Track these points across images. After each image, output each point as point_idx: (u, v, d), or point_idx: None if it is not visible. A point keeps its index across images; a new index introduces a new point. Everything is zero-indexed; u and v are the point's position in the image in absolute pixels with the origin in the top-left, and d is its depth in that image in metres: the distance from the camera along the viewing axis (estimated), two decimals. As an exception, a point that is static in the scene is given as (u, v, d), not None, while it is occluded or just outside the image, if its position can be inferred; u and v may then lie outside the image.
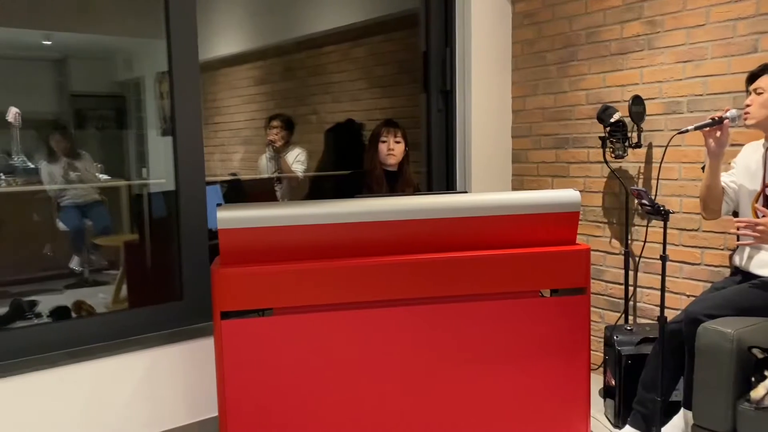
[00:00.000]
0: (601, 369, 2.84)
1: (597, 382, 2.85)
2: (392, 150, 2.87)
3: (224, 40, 5.48)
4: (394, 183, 2.90)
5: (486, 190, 3.28)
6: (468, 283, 2.06)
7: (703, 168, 2.46)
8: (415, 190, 3.01)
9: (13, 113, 5.32)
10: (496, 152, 3.39)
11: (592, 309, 2.84)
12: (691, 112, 2.78)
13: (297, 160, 4.16)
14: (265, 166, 4.48)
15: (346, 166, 4.04)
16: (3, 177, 5.34)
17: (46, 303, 4.06)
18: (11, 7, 4.62)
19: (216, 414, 2.05)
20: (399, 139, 2.90)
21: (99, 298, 4.47)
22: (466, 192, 3.13)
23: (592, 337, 2.64)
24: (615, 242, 3.13)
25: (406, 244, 2.04)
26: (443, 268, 2.04)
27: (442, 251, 2.05)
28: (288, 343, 1.99)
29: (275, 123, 4.35)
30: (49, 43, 5.91)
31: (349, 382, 2.03)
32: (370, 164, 2.92)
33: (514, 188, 3.49)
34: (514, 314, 2.10)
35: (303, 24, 4.85)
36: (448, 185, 3.31)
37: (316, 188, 4.26)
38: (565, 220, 2.14)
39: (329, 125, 4.68)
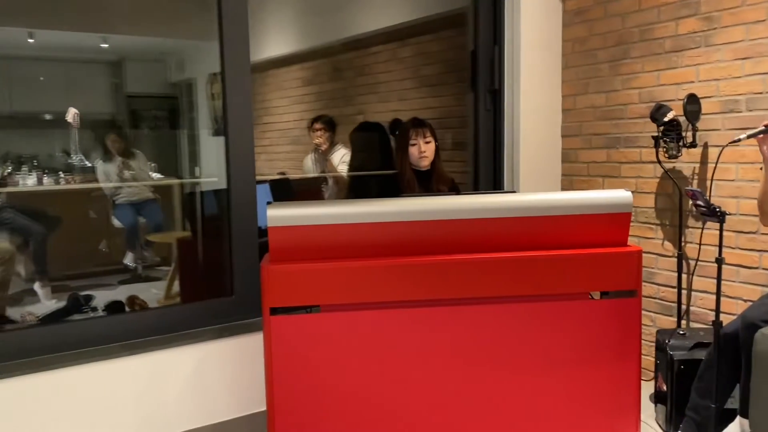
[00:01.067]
0: (653, 374, 2.78)
1: (648, 387, 2.79)
2: (424, 152, 2.81)
3: (274, 41, 5.57)
4: (428, 182, 2.85)
5: (534, 190, 3.24)
6: (516, 284, 2.04)
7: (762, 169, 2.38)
8: (452, 186, 2.97)
9: (72, 114, 5.52)
10: (545, 152, 3.34)
11: (643, 312, 2.77)
12: (750, 110, 2.68)
13: (342, 161, 4.20)
14: (310, 167, 4.53)
15: (383, 167, 4.06)
16: (62, 175, 5.55)
17: (101, 297, 4.20)
18: (72, 12, 4.81)
19: (264, 408, 2.09)
20: (429, 138, 2.83)
21: (151, 293, 4.60)
22: (514, 192, 3.10)
23: (643, 341, 2.58)
24: (668, 244, 3.05)
25: (454, 244, 2.04)
26: (491, 269, 2.03)
27: (490, 252, 2.04)
28: (334, 340, 2.01)
29: (318, 125, 4.40)
30: (107, 45, 6.11)
31: (394, 381, 2.04)
32: (400, 167, 2.86)
33: (564, 188, 3.44)
34: (563, 316, 2.07)
35: (351, 25, 4.88)
36: (495, 185, 3.28)
37: (361, 188, 4.28)
38: (617, 222, 2.10)
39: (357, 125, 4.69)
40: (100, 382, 2.20)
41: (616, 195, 2.09)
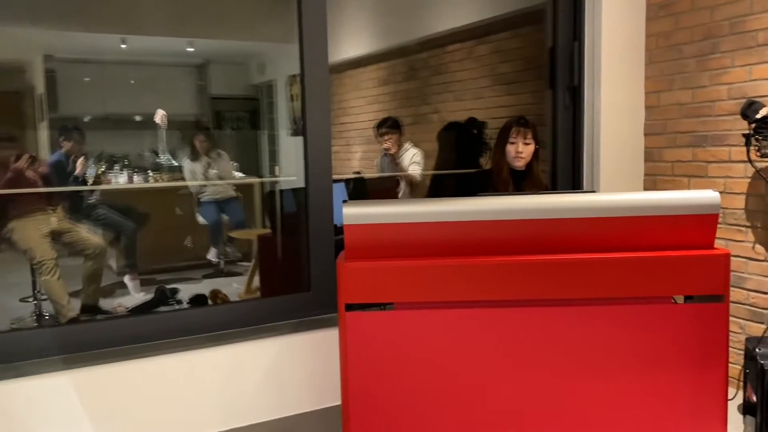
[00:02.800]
0: (741, 384, 2.64)
1: (736, 397, 2.66)
2: (521, 153, 2.76)
3: (351, 43, 5.65)
4: (521, 183, 2.81)
5: (615, 190, 3.14)
6: (595, 286, 1.99)
7: None
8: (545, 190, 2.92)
9: (160, 115, 5.81)
10: (626, 151, 3.24)
11: (731, 319, 2.64)
12: None
13: (413, 161, 4.21)
14: (381, 169, 4.57)
15: (465, 166, 4.04)
16: (151, 174, 5.84)
17: (186, 291, 4.40)
18: (160, 18, 5.05)
19: (339, 403, 2.13)
20: (529, 140, 2.78)
21: (233, 287, 4.77)
22: (594, 192, 3.02)
23: (731, 349, 2.45)
24: (759, 248, 2.89)
25: (531, 245, 2.01)
26: (570, 270, 1.99)
27: (568, 252, 2.00)
28: (408, 338, 2.03)
29: (383, 130, 4.41)
30: (192, 49, 6.38)
31: (467, 381, 2.03)
32: (496, 165, 2.82)
33: (647, 188, 3.32)
34: (644, 320, 2.01)
35: (427, 24, 4.89)
36: (574, 185, 3.21)
37: (438, 187, 4.28)
38: (703, 223, 2.01)
39: (445, 124, 4.68)
40: (185, 371, 2.31)
41: (703, 195, 2.01)
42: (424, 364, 2.03)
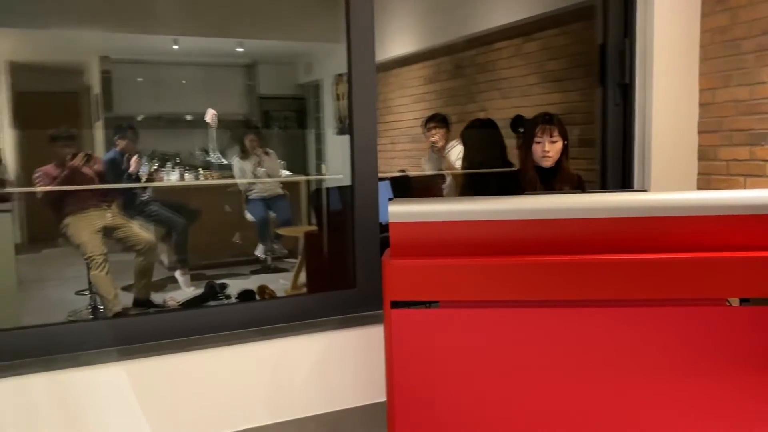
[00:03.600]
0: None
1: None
2: (548, 152, 2.68)
3: (398, 41, 5.66)
4: (551, 181, 2.74)
5: (667, 189, 3.06)
6: (646, 287, 1.95)
7: None
8: (579, 184, 2.85)
9: (210, 114, 5.95)
10: (679, 149, 3.15)
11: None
12: None
13: (459, 157, 4.20)
14: (429, 158, 4.57)
15: (496, 164, 3.99)
16: (201, 172, 5.98)
17: (234, 286, 4.49)
18: (211, 19, 5.17)
19: (384, 399, 2.14)
20: (555, 138, 2.69)
21: (279, 283, 4.85)
22: (645, 191, 2.96)
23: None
24: (821, 250, 2.77)
25: (578, 244, 1.98)
26: (620, 271, 1.95)
27: (618, 253, 1.96)
28: (453, 336, 2.03)
29: (432, 124, 4.42)
30: (242, 50, 6.51)
31: (512, 381, 2.02)
32: (523, 165, 2.75)
33: (700, 188, 3.22)
34: (697, 323, 1.96)
35: (474, 22, 4.87)
36: (624, 184, 3.14)
37: (479, 185, 4.26)
38: (760, 224, 1.94)
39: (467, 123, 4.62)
40: (234, 364, 2.36)
41: (761, 195, 1.94)
42: (468, 363, 2.02)
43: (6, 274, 2.83)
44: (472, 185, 3.96)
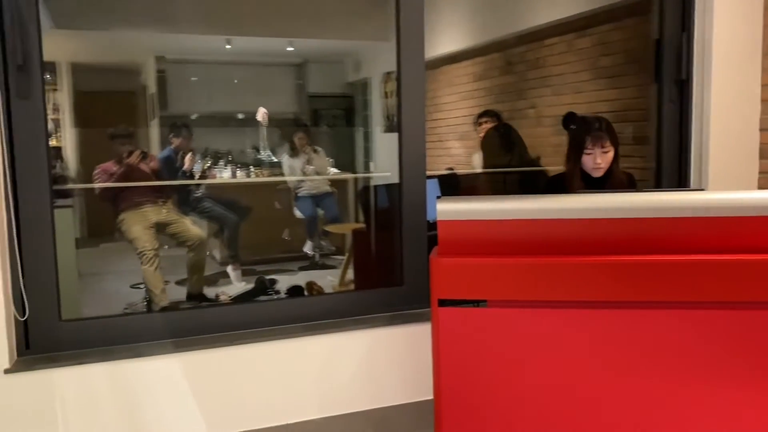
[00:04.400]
0: None
1: None
2: (599, 164, 2.54)
3: (447, 38, 5.64)
4: (600, 187, 2.61)
5: (726, 188, 2.96)
6: (701, 288, 1.89)
7: None
8: (630, 184, 2.75)
9: (261, 113, 6.05)
10: (739, 147, 3.04)
11: None
12: None
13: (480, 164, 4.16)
14: (478, 162, 4.54)
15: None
16: (252, 169, 6.09)
17: (283, 282, 4.56)
18: (263, 19, 5.25)
19: (431, 397, 2.14)
20: (607, 148, 2.54)
21: (327, 279, 4.90)
22: (702, 190, 2.87)
23: None
24: None
25: (631, 244, 1.94)
26: (673, 271, 1.90)
27: (672, 253, 1.91)
28: (501, 336, 2.01)
29: (485, 119, 4.38)
30: (292, 49, 6.59)
31: (560, 382, 1.99)
32: (570, 172, 2.61)
33: (761, 187, 3.10)
34: (753, 326, 1.89)
35: (526, 18, 4.80)
36: (680, 183, 3.05)
37: (528, 183, 4.22)
38: (827, 225, 1.86)
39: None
40: (283, 358, 2.40)
41: (827, 195, 1.86)
42: (516, 363, 2.01)
43: (68, 267, 2.94)
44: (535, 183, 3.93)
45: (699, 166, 3.00)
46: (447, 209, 2.02)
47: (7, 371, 2.08)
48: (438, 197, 2.07)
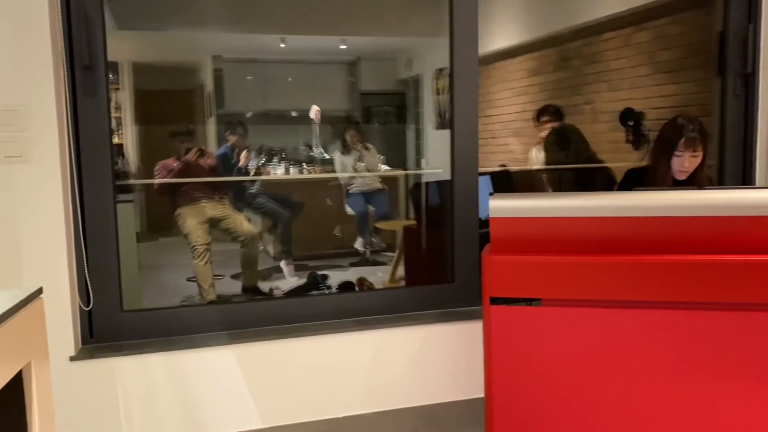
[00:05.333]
0: None
1: None
2: (686, 168, 2.48)
3: (500, 33, 5.57)
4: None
5: (794, 186, 2.83)
6: (763, 290, 1.82)
7: None
8: (710, 184, 2.66)
9: (314, 111, 6.12)
10: (809, 143, 2.91)
11: None
12: None
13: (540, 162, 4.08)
14: (535, 158, 4.46)
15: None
16: (305, 166, 6.18)
17: (334, 277, 4.61)
18: (317, 18, 5.31)
19: (482, 395, 2.13)
20: (698, 153, 2.47)
21: (377, 276, 4.92)
22: None
23: None
24: None
25: (690, 243, 1.88)
26: (734, 272, 1.83)
27: (733, 253, 1.84)
28: (555, 335, 1.98)
29: (546, 118, 4.29)
30: (345, 47, 6.64)
31: (613, 382, 1.95)
32: (661, 176, 2.53)
33: (833, 186, 2.95)
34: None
35: (582, 12, 4.70)
36: (745, 180, 2.94)
37: (588, 181, 4.12)
38: None
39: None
40: (335, 352, 2.43)
41: None
42: (569, 363, 1.97)
43: (129, 259, 3.05)
44: (594, 181, 3.84)
45: (765, 163, 2.88)
46: (500, 206, 2.01)
47: (72, 359, 2.18)
48: (490, 194, 2.06)
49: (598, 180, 3.93)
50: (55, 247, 2.13)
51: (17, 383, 1.26)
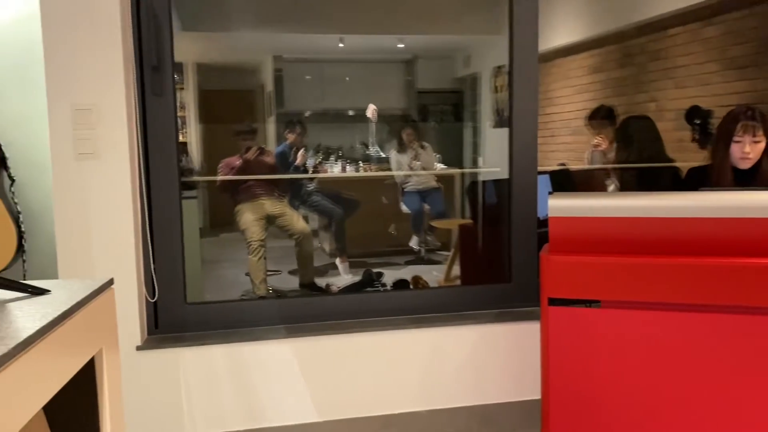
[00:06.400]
0: None
1: None
2: (748, 153, 2.38)
3: (562, 30, 5.48)
4: (746, 183, 2.43)
5: None
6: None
7: None
8: None
9: (371, 110, 6.16)
10: None
11: None
12: None
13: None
14: (591, 159, 4.36)
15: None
16: (361, 164, 6.22)
17: (389, 275, 4.62)
18: (375, 17, 5.34)
19: (538, 397, 2.11)
20: (759, 137, 2.36)
21: (432, 274, 4.92)
22: None
23: None
24: None
25: (758, 245, 1.80)
26: (810, 277, 1.75)
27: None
28: (615, 338, 1.94)
29: (597, 122, 4.15)
30: (402, 46, 6.66)
31: (673, 386, 1.89)
32: (719, 166, 2.45)
33: None
34: None
35: (647, 6, 4.57)
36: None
37: (651, 181, 4.00)
38: None
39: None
40: (390, 349, 2.44)
41: None
42: (628, 367, 1.93)
43: (192, 254, 3.15)
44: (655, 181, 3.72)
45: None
46: (559, 205, 1.98)
47: (138, 348, 2.27)
48: (549, 193, 2.03)
49: (665, 179, 3.81)
50: (123, 240, 2.22)
51: (89, 370, 1.32)
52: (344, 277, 4.93)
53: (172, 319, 2.38)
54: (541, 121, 2.63)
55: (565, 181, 4.25)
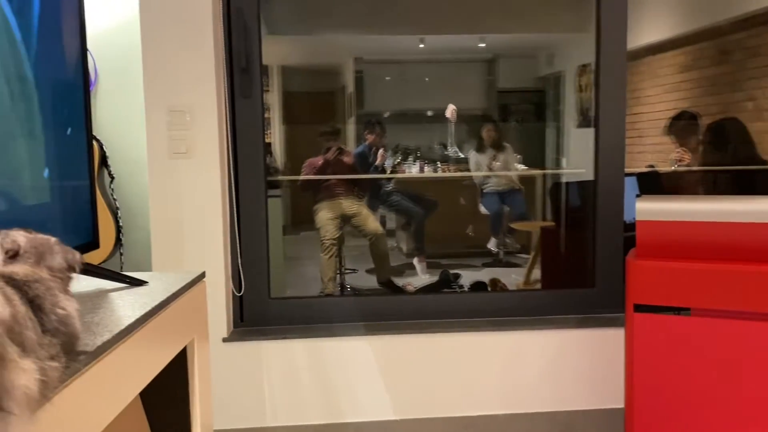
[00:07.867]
0: None
1: None
2: None
3: (651, 26, 5.27)
4: None
5: None
6: None
7: None
8: None
9: (450, 110, 6.14)
10: None
11: None
12: None
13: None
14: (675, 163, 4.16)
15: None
16: (439, 165, 6.21)
17: (466, 276, 4.60)
18: (457, 16, 5.32)
19: (621, 406, 2.04)
20: None
21: (511, 278, 4.84)
22: None
23: None
24: None
25: None
26: None
27: None
28: (703, 347, 1.85)
29: (675, 130, 3.93)
30: (483, 45, 6.59)
31: (765, 402, 1.78)
32: None
33: None
34: None
35: (747, 1, 4.32)
36: None
37: (746, 186, 3.78)
38: None
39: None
40: (468, 350, 2.43)
41: None
42: (716, 378, 1.84)
43: (276, 250, 3.25)
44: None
45: None
46: (647, 209, 1.91)
47: (224, 340, 2.36)
48: (637, 196, 1.97)
49: (760, 183, 3.59)
50: (213, 236, 2.32)
51: (181, 359, 1.39)
52: (421, 277, 4.94)
53: (256, 313, 2.47)
54: (628, 120, 2.55)
55: (654, 184, 4.09)
